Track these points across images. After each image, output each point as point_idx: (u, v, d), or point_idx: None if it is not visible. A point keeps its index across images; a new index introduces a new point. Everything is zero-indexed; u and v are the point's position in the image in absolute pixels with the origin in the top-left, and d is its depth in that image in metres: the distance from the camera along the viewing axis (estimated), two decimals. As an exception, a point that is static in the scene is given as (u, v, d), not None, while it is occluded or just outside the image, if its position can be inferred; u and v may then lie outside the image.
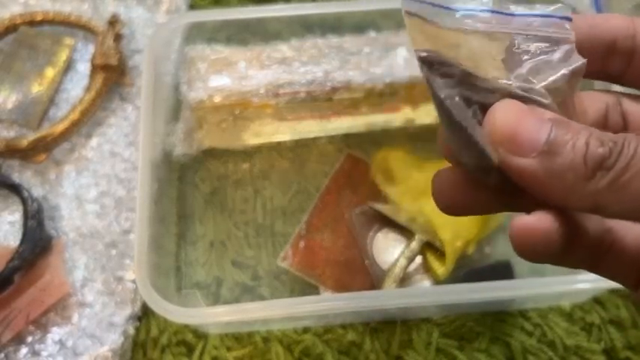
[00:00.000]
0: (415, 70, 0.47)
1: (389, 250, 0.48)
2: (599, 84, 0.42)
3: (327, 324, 0.46)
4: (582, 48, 0.21)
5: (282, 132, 0.51)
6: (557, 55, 0.21)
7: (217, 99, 0.47)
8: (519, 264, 0.47)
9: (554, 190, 0.20)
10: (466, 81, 0.21)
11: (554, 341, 0.46)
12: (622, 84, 0.24)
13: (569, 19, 0.22)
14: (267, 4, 0.52)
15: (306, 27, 0.50)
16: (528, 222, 0.20)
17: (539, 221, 0.20)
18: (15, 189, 0.49)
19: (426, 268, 0.47)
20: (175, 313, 0.39)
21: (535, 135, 0.20)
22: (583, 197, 0.19)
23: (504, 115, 0.20)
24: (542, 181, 0.20)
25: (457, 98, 0.20)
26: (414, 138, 0.51)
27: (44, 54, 0.54)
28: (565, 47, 0.21)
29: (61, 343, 0.44)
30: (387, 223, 0.48)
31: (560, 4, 0.22)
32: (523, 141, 0.20)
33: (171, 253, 0.48)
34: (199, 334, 0.46)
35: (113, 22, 0.53)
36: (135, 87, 0.53)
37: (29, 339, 0.44)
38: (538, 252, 0.20)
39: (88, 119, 0.51)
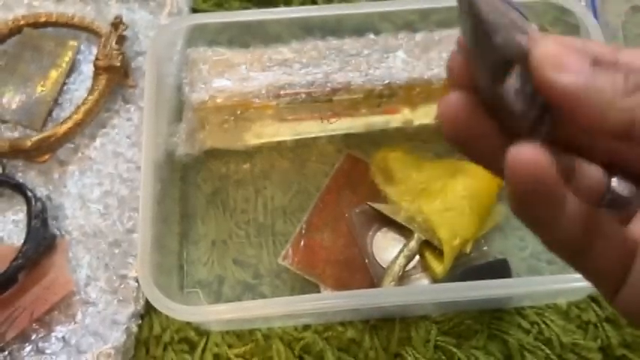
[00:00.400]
0: (413, 72, 0.48)
1: (388, 248, 0.48)
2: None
3: (327, 322, 0.46)
4: None
5: (283, 132, 0.52)
6: None
7: (219, 100, 0.47)
8: (516, 262, 0.48)
9: (593, 107, 0.20)
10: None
11: (550, 339, 0.46)
12: None
13: None
14: (268, 7, 0.53)
15: (307, 29, 0.51)
16: (531, 148, 0.20)
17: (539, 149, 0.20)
18: (19, 189, 0.49)
19: (425, 266, 0.48)
20: (178, 310, 0.40)
21: (581, 56, 0.20)
22: (621, 112, 0.20)
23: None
24: (581, 98, 0.20)
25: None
26: (412, 138, 0.52)
27: (48, 55, 0.55)
28: None
29: (65, 340, 0.45)
30: (387, 222, 0.49)
31: None
32: (570, 59, 0.20)
33: (173, 252, 0.49)
34: (201, 332, 0.46)
35: (116, 24, 0.53)
36: (138, 88, 0.54)
37: (33, 337, 0.45)
38: (538, 179, 0.20)
39: (91, 120, 0.52)
